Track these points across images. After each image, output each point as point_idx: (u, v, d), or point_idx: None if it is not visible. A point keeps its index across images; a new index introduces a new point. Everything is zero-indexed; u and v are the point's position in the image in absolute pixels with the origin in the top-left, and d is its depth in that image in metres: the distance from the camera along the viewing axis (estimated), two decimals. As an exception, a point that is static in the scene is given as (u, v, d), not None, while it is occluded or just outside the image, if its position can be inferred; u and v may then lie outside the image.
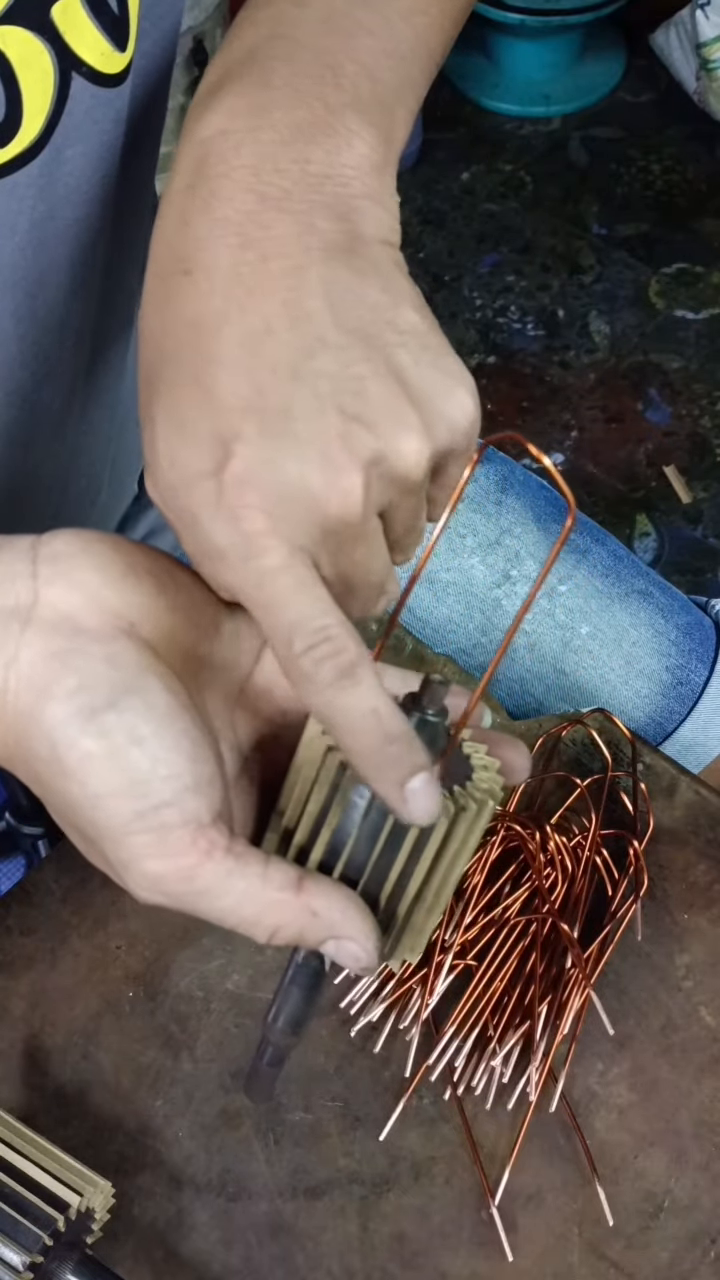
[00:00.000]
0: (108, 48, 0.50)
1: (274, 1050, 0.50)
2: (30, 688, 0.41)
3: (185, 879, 0.42)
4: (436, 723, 0.45)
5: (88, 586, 0.42)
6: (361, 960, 0.44)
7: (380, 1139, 0.64)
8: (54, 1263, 0.54)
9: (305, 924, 0.43)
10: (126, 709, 0.41)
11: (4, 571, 0.42)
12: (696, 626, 0.84)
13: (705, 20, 2.12)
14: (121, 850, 0.42)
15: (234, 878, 0.42)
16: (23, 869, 0.78)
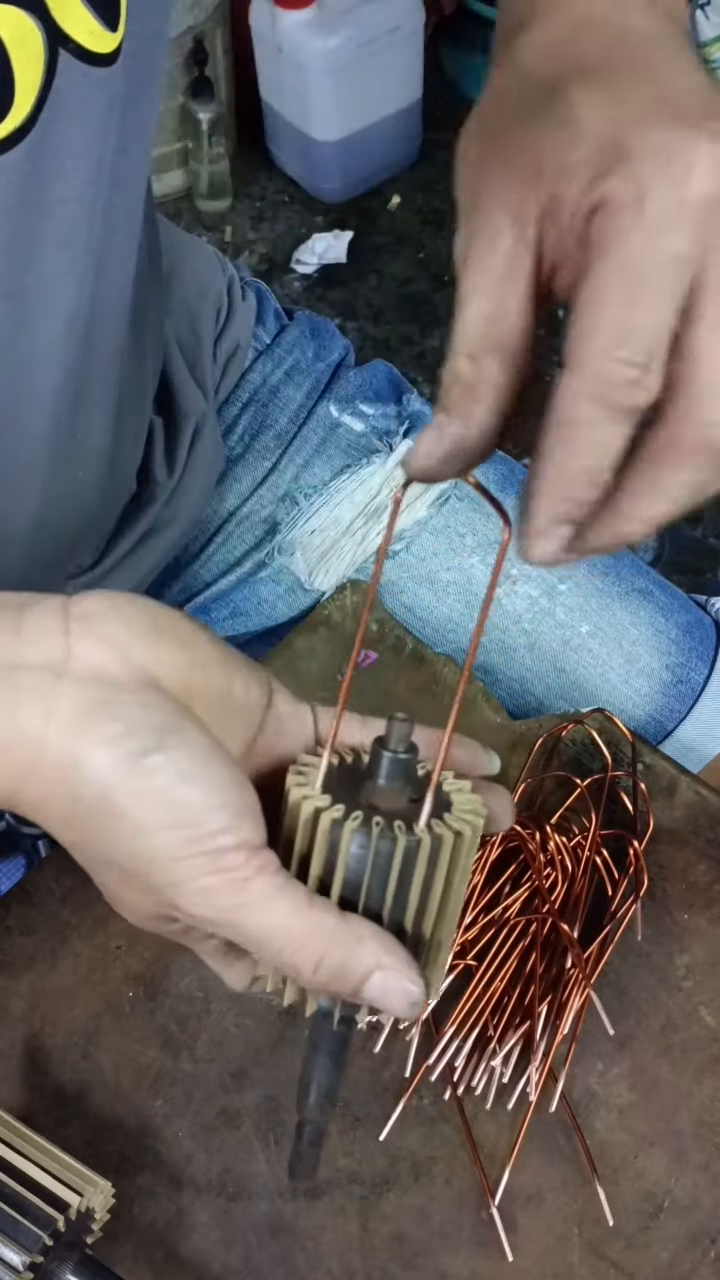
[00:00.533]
0: (97, 26, 0.50)
1: (312, 1129, 0.50)
2: (71, 736, 0.43)
3: (237, 890, 0.43)
4: (407, 759, 0.46)
5: (117, 642, 0.44)
6: (411, 993, 0.44)
7: (380, 1139, 0.64)
8: (54, 1263, 0.54)
9: (351, 951, 0.44)
10: (172, 748, 0.43)
11: (37, 628, 0.44)
12: (697, 625, 0.84)
13: (705, 20, 2.12)
14: (173, 874, 0.43)
15: (283, 895, 0.43)
16: (23, 869, 0.78)
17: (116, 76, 0.53)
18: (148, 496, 0.79)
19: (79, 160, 0.54)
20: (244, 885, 0.43)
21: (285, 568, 0.85)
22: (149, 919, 0.47)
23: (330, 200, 2.23)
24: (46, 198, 0.54)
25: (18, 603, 0.45)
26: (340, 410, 0.86)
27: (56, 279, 0.57)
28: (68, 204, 0.55)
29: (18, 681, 0.43)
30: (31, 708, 0.43)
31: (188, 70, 2.08)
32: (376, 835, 0.44)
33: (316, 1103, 0.49)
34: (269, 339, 0.87)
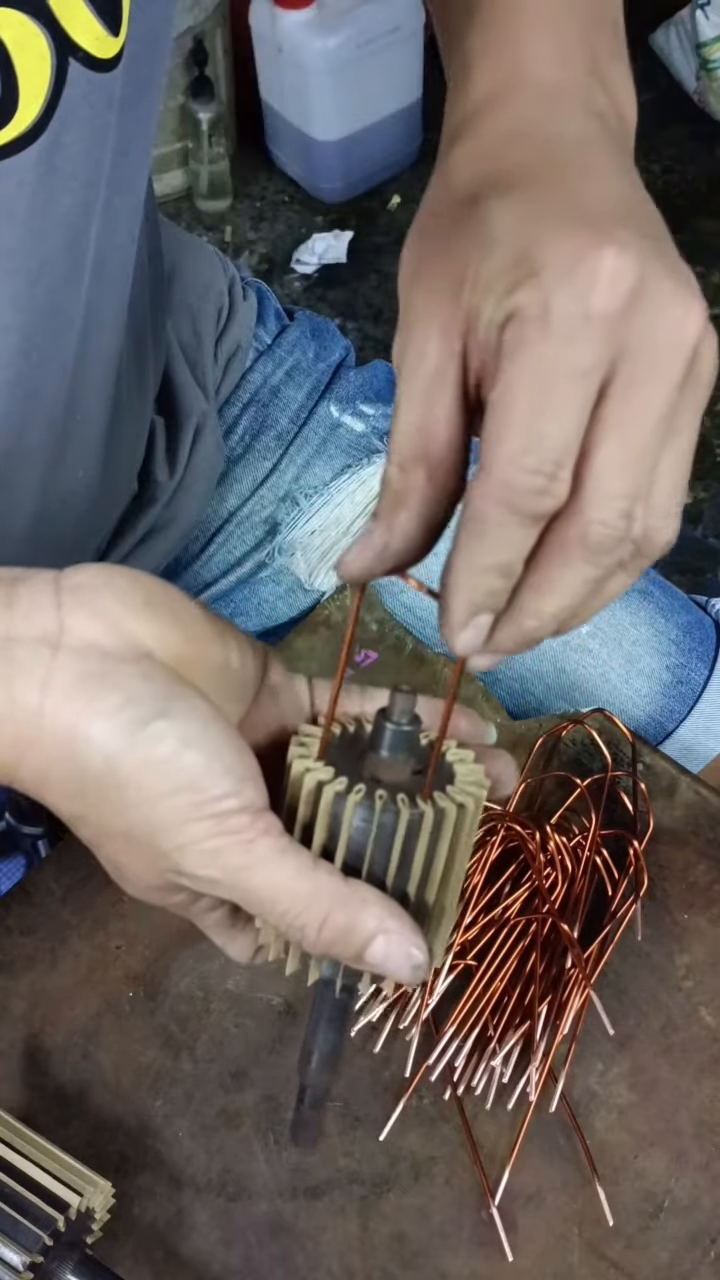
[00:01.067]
0: (102, 32, 0.50)
1: (313, 1092, 0.50)
2: (71, 707, 0.43)
3: (243, 850, 0.43)
4: (410, 731, 0.46)
5: (110, 615, 0.44)
6: (414, 956, 0.44)
7: (380, 1139, 0.64)
8: (54, 1263, 0.54)
9: (355, 913, 0.44)
10: (174, 715, 0.43)
11: (29, 603, 0.44)
12: (697, 626, 0.84)
13: (705, 20, 2.12)
14: (180, 837, 0.43)
15: (288, 856, 0.43)
16: (23, 869, 0.78)
17: (118, 80, 0.53)
18: (149, 497, 0.79)
19: (85, 164, 0.54)
20: (250, 846, 0.43)
21: (286, 568, 0.85)
22: (153, 889, 0.47)
23: (330, 200, 2.23)
24: (56, 202, 0.54)
25: (10, 577, 0.45)
26: (341, 410, 0.86)
27: (63, 284, 0.57)
28: (75, 208, 0.55)
29: (12, 655, 0.43)
30: (27, 680, 0.43)
31: (188, 70, 2.08)
32: (380, 808, 0.44)
33: (318, 1066, 0.49)
34: (270, 339, 0.87)
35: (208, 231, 2.23)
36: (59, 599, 0.44)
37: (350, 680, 0.50)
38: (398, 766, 0.46)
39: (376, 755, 0.46)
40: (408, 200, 2.25)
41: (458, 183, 0.44)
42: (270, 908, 0.44)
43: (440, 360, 0.41)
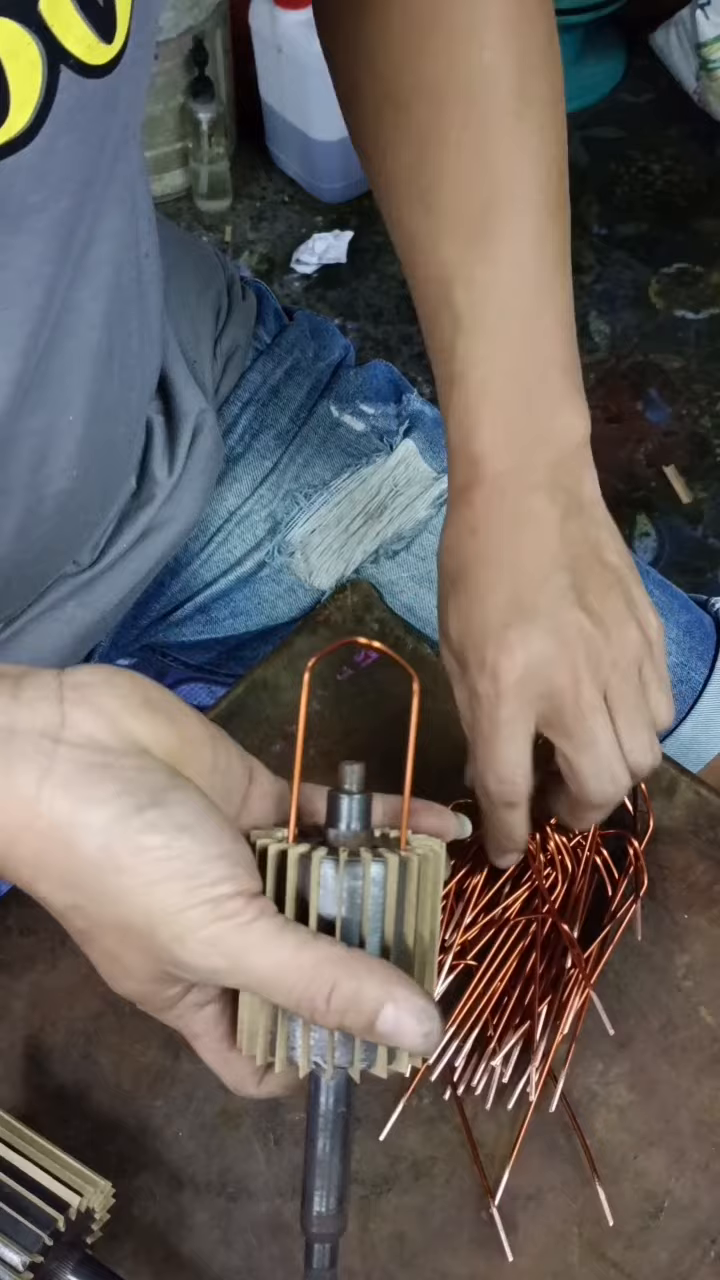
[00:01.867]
0: (94, 40, 0.51)
1: (321, 1249, 0.46)
2: (69, 796, 0.44)
3: (242, 932, 0.44)
4: (362, 797, 0.48)
5: (110, 712, 0.46)
6: (426, 1023, 0.44)
7: (380, 1139, 0.64)
8: (54, 1263, 0.54)
9: (362, 980, 0.44)
10: (170, 803, 0.44)
11: (33, 695, 0.46)
12: (696, 625, 0.84)
13: (705, 20, 2.12)
14: (176, 925, 0.44)
15: (287, 932, 0.45)
16: (23, 869, 0.78)
17: (112, 86, 0.53)
18: (147, 495, 0.79)
19: (79, 168, 0.54)
20: (247, 927, 0.44)
21: (285, 567, 0.85)
22: (149, 983, 0.47)
23: (330, 200, 2.23)
24: (50, 208, 0.54)
25: (15, 673, 0.46)
26: (340, 410, 0.85)
27: (52, 285, 0.57)
28: (69, 211, 0.55)
29: (13, 744, 0.44)
30: (27, 768, 0.44)
31: (188, 70, 2.08)
32: (344, 862, 0.46)
33: (325, 1208, 0.45)
34: (269, 339, 0.87)
35: (208, 231, 2.23)
36: (62, 694, 0.46)
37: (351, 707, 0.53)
38: (354, 838, 0.48)
39: (335, 829, 0.48)
40: (408, 200, 2.24)
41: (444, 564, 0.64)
42: (276, 986, 0.44)
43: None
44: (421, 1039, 0.45)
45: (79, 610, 0.77)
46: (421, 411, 0.87)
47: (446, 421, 0.64)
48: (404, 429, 0.85)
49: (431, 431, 0.86)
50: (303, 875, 0.46)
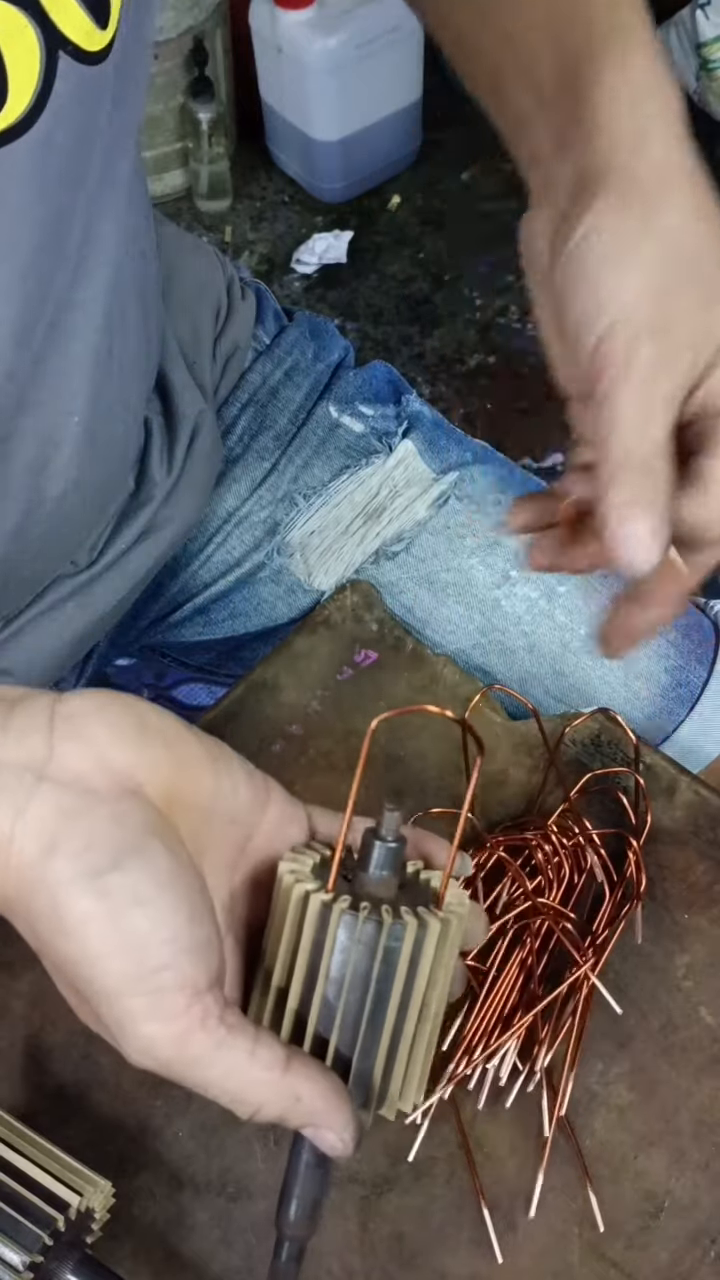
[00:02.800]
0: (90, 25, 0.51)
1: (291, 1246, 0.50)
2: (36, 842, 0.43)
3: (178, 1045, 0.43)
4: (396, 847, 0.48)
5: (99, 745, 0.44)
6: (336, 1149, 0.46)
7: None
8: (54, 1263, 0.54)
9: (287, 1107, 0.45)
10: (129, 870, 0.43)
11: (23, 724, 0.44)
12: (695, 627, 0.84)
13: (705, 20, 2.12)
14: (117, 1011, 0.43)
15: (223, 1050, 0.44)
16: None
17: (107, 74, 0.53)
18: (145, 495, 0.79)
19: (78, 156, 0.54)
20: (185, 1040, 0.43)
21: (285, 568, 0.85)
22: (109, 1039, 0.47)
23: (330, 200, 2.23)
24: (50, 195, 0.54)
25: (11, 698, 0.45)
26: (340, 411, 0.86)
27: (50, 275, 0.57)
28: (66, 202, 0.55)
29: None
30: (5, 806, 0.43)
31: (188, 70, 2.08)
32: (363, 919, 0.46)
33: (298, 1216, 0.49)
34: (269, 339, 0.87)
35: (207, 231, 2.23)
36: (52, 724, 0.44)
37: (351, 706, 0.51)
38: (385, 883, 0.48)
39: (364, 873, 0.48)
40: (408, 200, 2.25)
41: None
42: (203, 1092, 0.45)
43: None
44: (330, 1152, 0.47)
45: (77, 611, 0.77)
46: (421, 412, 0.87)
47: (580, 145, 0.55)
48: (403, 430, 0.85)
49: (430, 432, 0.86)
50: (320, 926, 0.46)
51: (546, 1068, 0.64)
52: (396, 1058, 0.48)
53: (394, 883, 0.48)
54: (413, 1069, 0.48)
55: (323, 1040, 0.47)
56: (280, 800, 0.50)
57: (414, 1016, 0.47)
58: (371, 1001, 0.46)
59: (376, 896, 0.47)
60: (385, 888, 0.47)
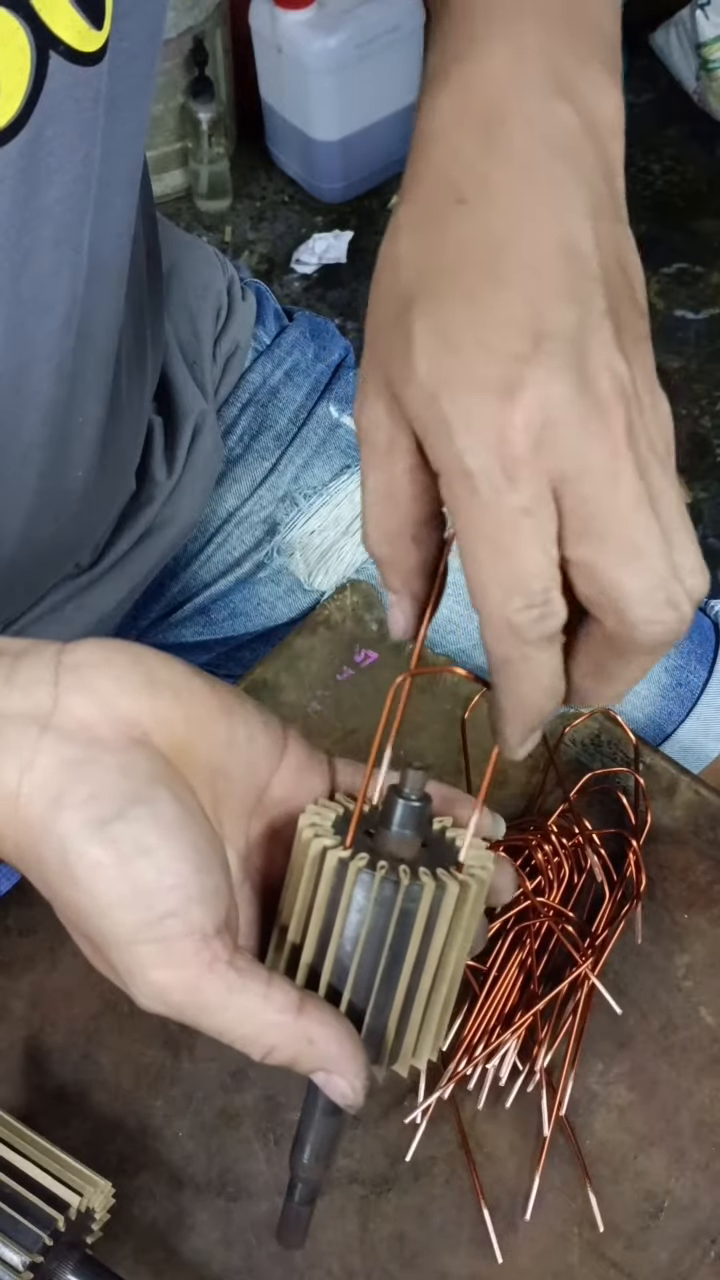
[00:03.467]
0: (84, 25, 0.50)
1: (304, 1187, 0.49)
2: (43, 795, 0.43)
3: (189, 990, 0.43)
4: (420, 807, 0.47)
5: (105, 695, 0.44)
6: (347, 1098, 0.46)
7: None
8: (54, 1263, 0.54)
9: (300, 1050, 0.45)
10: (135, 819, 0.42)
11: (29, 677, 0.44)
12: (695, 627, 0.84)
13: (705, 20, 2.12)
14: (127, 958, 0.43)
15: (235, 994, 0.43)
16: (23, 869, 0.78)
17: (103, 75, 0.53)
18: (146, 496, 0.79)
19: (69, 158, 0.54)
20: (195, 985, 0.43)
21: (285, 568, 0.85)
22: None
23: (330, 200, 2.23)
24: (40, 197, 0.54)
25: (15, 650, 0.45)
26: (340, 411, 0.86)
27: (50, 279, 0.57)
28: (60, 203, 0.55)
29: (2, 732, 0.43)
30: (11, 760, 0.43)
31: (188, 70, 2.08)
32: (380, 878, 0.45)
33: (311, 1159, 0.48)
34: (269, 339, 0.87)
35: (208, 231, 2.23)
36: (57, 675, 0.44)
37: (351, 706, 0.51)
38: (406, 842, 0.47)
39: (387, 830, 0.47)
40: (408, 200, 2.25)
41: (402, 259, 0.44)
42: (220, 1038, 0.44)
43: (392, 432, 0.43)
44: (340, 1104, 0.46)
45: (78, 612, 0.77)
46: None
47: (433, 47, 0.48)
48: (403, 430, 0.85)
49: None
50: (336, 883, 0.46)
51: (546, 1068, 0.64)
52: (410, 1016, 0.47)
53: (416, 842, 0.47)
54: (427, 1027, 0.48)
55: (336, 995, 0.47)
56: (299, 749, 0.49)
57: (429, 977, 0.46)
58: (386, 961, 0.46)
59: (397, 855, 0.46)
60: (406, 847, 0.47)
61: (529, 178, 0.42)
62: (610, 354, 0.41)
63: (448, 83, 0.45)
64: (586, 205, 0.43)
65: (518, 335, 0.40)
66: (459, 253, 0.42)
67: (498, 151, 0.43)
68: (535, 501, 0.39)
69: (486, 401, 0.39)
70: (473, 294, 0.41)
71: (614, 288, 0.42)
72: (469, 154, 0.43)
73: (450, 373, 0.40)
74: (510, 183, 0.42)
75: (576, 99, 0.44)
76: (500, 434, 0.39)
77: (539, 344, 0.40)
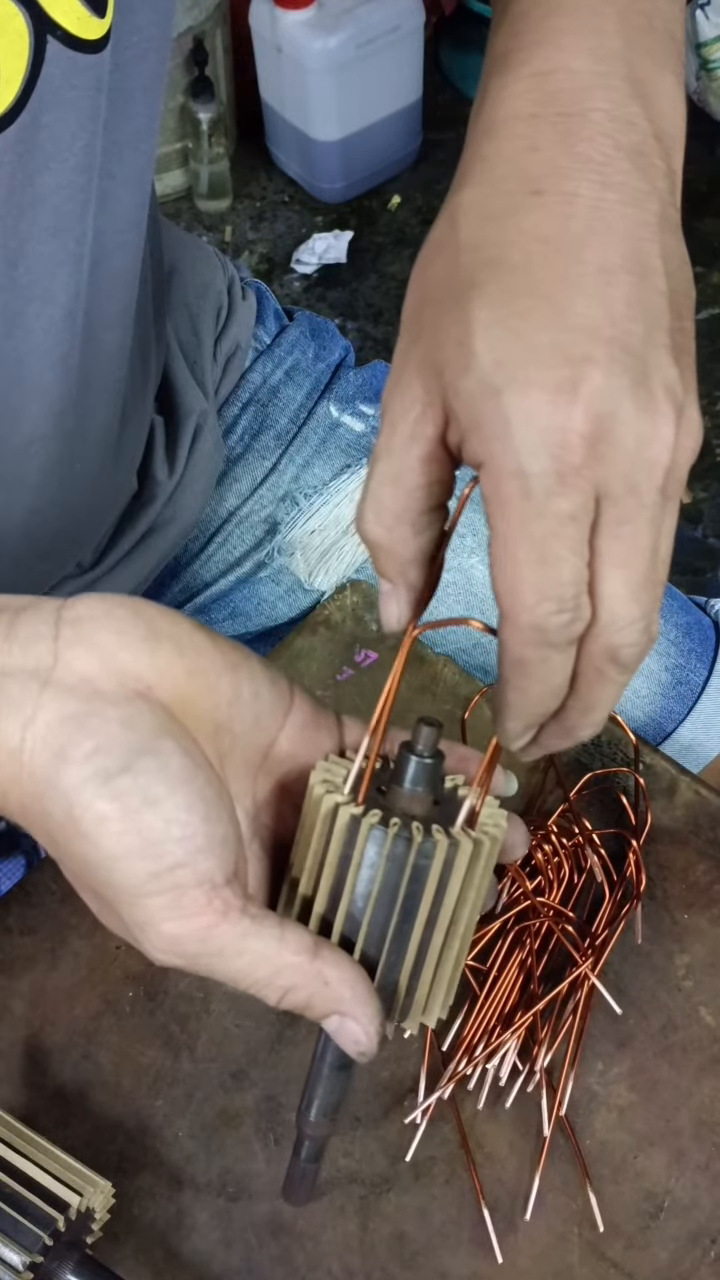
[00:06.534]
0: (84, 12, 0.50)
1: (311, 1145, 0.49)
2: (46, 750, 0.42)
3: (201, 939, 0.43)
4: (432, 763, 0.46)
5: (106, 649, 0.43)
6: (361, 1044, 0.45)
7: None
8: (54, 1263, 0.54)
9: (315, 991, 0.44)
10: (141, 771, 0.42)
11: (29, 632, 0.44)
12: (696, 626, 0.84)
13: (705, 20, 2.12)
14: (138, 912, 0.43)
15: (249, 939, 0.43)
16: (23, 869, 0.78)
17: (104, 63, 0.53)
18: (148, 496, 0.79)
19: (68, 145, 0.54)
20: (208, 934, 0.43)
21: (285, 568, 0.85)
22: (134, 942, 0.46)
23: (330, 200, 2.23)
24: (37, 184, 0.54)
25: (16, 606, 0.45)
26: (340, 410, 0.86)
27: (49, 268, 0.57)
28: (58, 191, 0.55)
29: (3, 689, 0.43)
30: (13, 716, 0.42)
31: (188, 70, 2.08)
32: (393, 834, 0.45)
33: (318, 1116, 0.48)
34: (269, 339, 0.87)
35: (208, 231, 2.23)
36: (58, 630, 0.44)
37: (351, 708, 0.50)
38: (418, 799, 0.46)
39: (399, 787, 0.46)
40: (408, 200, 2.25)
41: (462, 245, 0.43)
42: (235, 985, 0.44)
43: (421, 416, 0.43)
44: (353, 1052, 0.46)
45: None
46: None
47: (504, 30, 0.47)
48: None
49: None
50: (348, 840, 0.45)
51: (546, 1068, 0.64)
52: (422, 973, 0.47)
53: (428, 799, 0.46)
54: (438, 984, 0.47)
55: (349, 949, 0.46)
56: (306, 705, 0.49)
57: (441, 933, 0.46)
58: (398, 918, 0.45)
59: (409, 812, 0.46)
60: (418, 804, 0.46)
61: (607, 181, 0.42)
62: (670, 372, 0.41)
63: (523, 80, 0.45)
64: (658, 216, 0.43)
65: (588, 342, 0.40)
66: (533, 247, 0.41)
67: (578, 149, 0.43)
68: (581, 509, 0.40)
69: (553, 403, 0.39)
70: (546, 293, 0.40)
71: (676, 304, 0.42)
72: (548, 147, 0.43)
73: (517, 369, 0.39)
74: (589, 183, 0.42)
75: (650, 105, 0.45)
76: (562, 438, 0.39)
77: (609, 353, 0.40)
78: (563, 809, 0.71)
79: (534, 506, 0.39)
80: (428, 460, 0.43)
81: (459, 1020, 0.65)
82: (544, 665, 0.42)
